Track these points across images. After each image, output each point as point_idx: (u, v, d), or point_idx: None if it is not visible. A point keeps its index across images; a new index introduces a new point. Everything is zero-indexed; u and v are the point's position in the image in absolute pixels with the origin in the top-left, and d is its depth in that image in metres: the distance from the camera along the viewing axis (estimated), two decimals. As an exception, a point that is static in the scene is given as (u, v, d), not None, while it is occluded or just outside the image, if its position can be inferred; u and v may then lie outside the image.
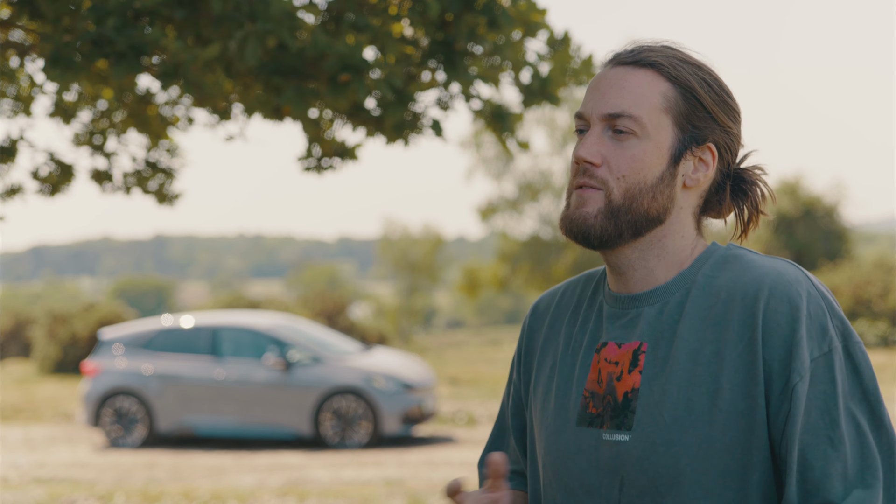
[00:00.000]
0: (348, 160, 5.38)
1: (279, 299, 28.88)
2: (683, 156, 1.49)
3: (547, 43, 4.86)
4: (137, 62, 3.98)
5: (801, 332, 1.39)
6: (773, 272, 1.44)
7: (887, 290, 22.87)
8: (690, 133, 1.49)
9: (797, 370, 1.38)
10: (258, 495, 8.81)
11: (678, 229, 1.51)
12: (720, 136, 1.50)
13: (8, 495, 8.90)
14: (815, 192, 29.07)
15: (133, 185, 6.22)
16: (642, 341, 1.48)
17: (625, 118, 1.47)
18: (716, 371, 1.41)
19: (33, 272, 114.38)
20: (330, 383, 12.28)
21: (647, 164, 1.47)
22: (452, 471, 10.14)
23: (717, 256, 1.51)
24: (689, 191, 1.51)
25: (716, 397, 1.40)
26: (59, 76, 3.99)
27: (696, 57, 1.52)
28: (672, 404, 1.43)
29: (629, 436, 1.45)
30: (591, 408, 1.50)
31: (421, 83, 4.78)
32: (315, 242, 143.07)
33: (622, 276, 1.53)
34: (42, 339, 22.18)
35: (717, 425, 1.40)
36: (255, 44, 4.03)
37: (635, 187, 1.47)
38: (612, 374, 1.49)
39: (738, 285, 1.44)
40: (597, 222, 1.48)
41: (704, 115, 1.49)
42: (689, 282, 1.49)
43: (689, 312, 1.46)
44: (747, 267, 1.47)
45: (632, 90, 1.48)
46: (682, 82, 1.48)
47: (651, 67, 1.48)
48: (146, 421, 12.54)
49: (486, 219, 34.57)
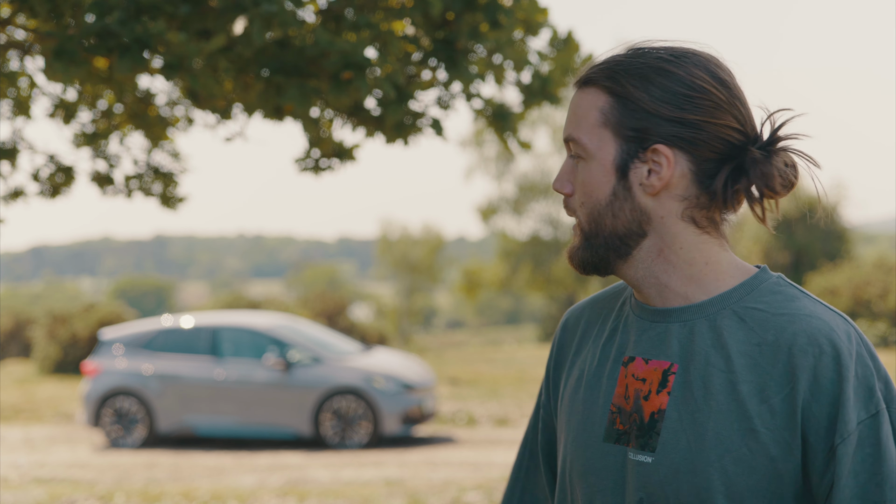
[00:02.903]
0: (346, 161, 5.38)
1: (279, 299, 28.88)
2: (631, 165, 1.44)
3: (550, 43, 4.86)
4: (141, 56, 3.98)
5: (849, 394, 1.35)
6: (826, 327, 1.39)
7: (887, 291, 22.86)
8: (633, 140, 1.43)
9: (840, 432, 1.35)
10: (258, 495, 8.81)
11: (671, 240, 1.45)
12: (673, 131, 1.42)
13: (8, 495, 8.89)
14: (814, 192, 29.05)
15: (135, 189, 6.22)
16: (673, 362, 1.44)
17: (572, 143, 1.47)
18: (752, 411, 1.38)
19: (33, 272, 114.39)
20: (330, 383, 12.28)
21: (595, 185, 1.45)
22: (452, 471, 10.13)
23: (764, 289, 1.45)
24: (659, 197, 1.44)
25: (747, 436, 1.37)
26: (61, 71, 3.98)
27: (655, 57, 1.44)
28: (699, 433, 1.39)
29: (652, 458, 1.42)
30: (619, 424, 1.48)
31: (422, 82, 4.77)
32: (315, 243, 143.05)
33: (640, 292, 1.51)
34: (42, 340, 22.17)
35: (745, 464, 1.37)
36: (260, 25, 4.02)
37: (594, 210, 1.46)
38: (640, 391, 1.46)
39: (786, 332, 1.39)
40: (582, 253, 1.49)
41: (644, 116, 1.42)
42: (728, 308, 1.44)
43: (729, 343, 1.41)
44: (798, 312, 1.41)
45: (574, 112, 1.48)
46: (617, 91, 1.44)
47: (592, 84, 1.46)
48: (146, 421, 12.54)
49: (487, 219, 34.58)
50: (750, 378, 1.39)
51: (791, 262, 28.61)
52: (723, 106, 1.43)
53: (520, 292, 39.71)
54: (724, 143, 1.43)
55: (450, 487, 8.98)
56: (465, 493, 8.59)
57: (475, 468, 10.35)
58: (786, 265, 28.69)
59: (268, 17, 4.06)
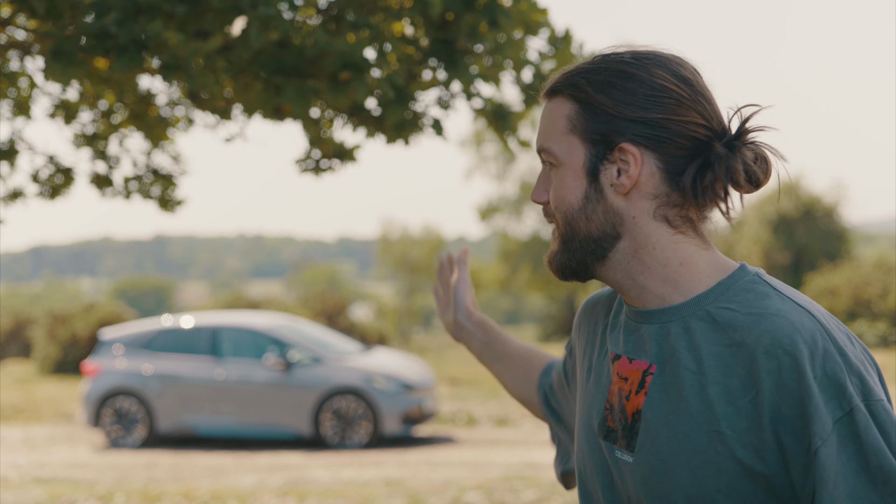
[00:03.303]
0: (347, 161, 5.38)
1: (279, 299, 28.87)
2: (601, 167, 1.46)
3: (548, 41, 4.85)
4: (139, 56, 3.98)
5: (816, 394, 1.33)
6: (790, 327, 1.37)
7: (887, 291, 22.86)
8: (599, 143, 1.46)
9: (818, 434, 1.33)
10: (258, 495, 8.81)
11: (644, 240, 1.47)
12: (637, 130, 1.43)
13: (8, 495, 8.89)
14: (815, 192, 29.07)
15: (134, 191, 6.21)
16: (651, 363, 1.47)
17: (544, 153, 1.51)
18: (719, 413, 1.38)
19: (33, 272, 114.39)
20: (330, 383, 12.28)
21: (567, 190, 1.49)
22: (452, 471, 10.13)
23: (738, 288, 1.45)
24: (630, 196, 1.46)
25: (714, 439, 1.38)
26: (59, 71, 3.98)
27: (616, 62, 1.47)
28: (671, 435, 1.41)
29: (632, 458, 1.46)
30: (610, 421, 1.52)
31: (422, 82, 4.77)
32: (315, 243, 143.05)
33: (622, 293, 1.55)
34: (42, 340, 22.18)
35: (713, 467, 1.38)
36: (258, 27, 4.02)
37: (569, 215, 1.49)
38: (623, 390, 1.50)
39: (753, 333, 1.39)
40: (560, 257, 1.53)
41: (609, 118, 1.44)
42: (702, 310, 1.44)
43: (700, 345, 1.42)
44: (767, 312, 1.40)
45: (544, 122, 1.52)
46: (581, 98, 1.47)
47: (558, 94, 1.50)
48: (146, 421, 12.54)
49: (486, 219, 34.58)
50: (720, 380, 1.39)
51: (791, 262, 28.60)
52: (686, 103, 1.44)
53: (520, 292, 39.72)
54: (690, 140, 1.44)
55: (450, 487, 8.97)
56: (465, 493, 8.59)
57: (475, 468, 10.35)
58: (786, 265, 28.68)
59: (266, 19, 4.06)
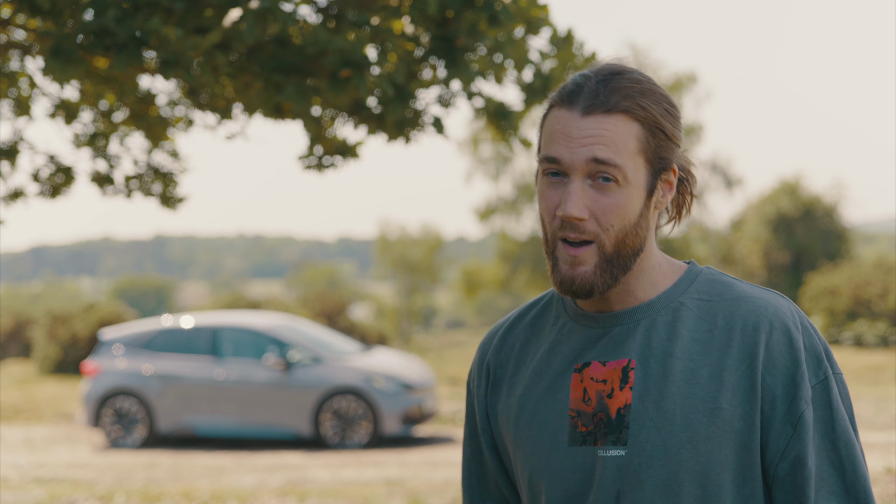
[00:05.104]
0: (349, 158, 5.37)
1: (279, 299, 28.86)
2: (656, 187, 1.54)
3: (550, 41, 4.85)
4: (138, 53, 3.97)
5: (801, 364, 1.49)
6: (771, 306, 1.52)
7: (887, 291, 22.85)
8: (659, 165, 1.53)
9: (804, 398, 1.48)
10: (258, 495, 8.80)
11: (650, 248, 1.57)
12: (679, 155, 1.57)
13: (8, 495, 8.89)
14: (815, 192, 29.06)
15: (135, 189, 6.21)
16: (630, 358, 1.52)
17: (610, 167, 1.49)
18: (714, 392, 1.48)
19: (33, 272, 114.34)
20: (330, 383, 12.27)
21: (630, 208, 1.51)
22: (452, 471, 10.13)
23: (703, 280, 1.58)
24: (656, 211, 1.58)
25: (714, 416, 1.48)
26: (59, 69, 3.98)
27: (646, 82, 1.54)
28: (668, 420, 1.49)
29: (625, 450, 1.50)
30: (581, 427, 1.54)
31: (422, 80, 4.77)
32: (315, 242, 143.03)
33: (603, 300, 1.57)
34: (42, 340, 22.16)
35: (715, 442, 1.48)
36: (253, 21, 4.01)
37: (622, 232, 1.51)
38: (602, 391, 1.53)
39: (737, 315, 1.52)
40: (597, 279, 1.52)
41: (668, 142, 1.53)
42: (676, 302, 1.55)
43: (682, 333, 1.52)
44: (742, 296, 1.54)
45: (612, 139, 1.49)
46: (649, 121, 1.51)
47: (623, 112, 1.50)
48: (146, 421, 12.53)
49: (485, 220, 34.57)
50: (707, 362, 1.50)
51: (791, 262, 28.60)
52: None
53: (519, 292, 39.69)
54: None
55: (450, 487, 8.97)
56: (466, 493, 8.58)
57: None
58: (786, 265, 28.68)
59: (262, 13, 4.05)
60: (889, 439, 11.06)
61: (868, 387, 15.96)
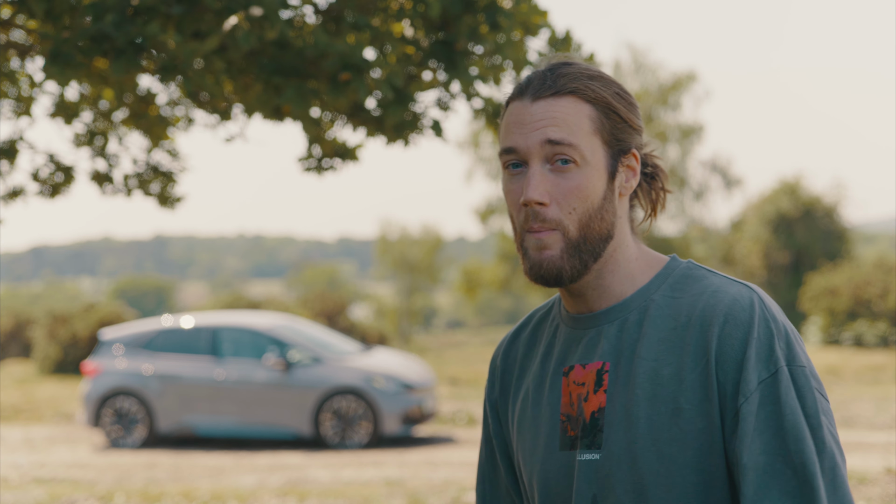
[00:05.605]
0: (349, 161, 5.38)
1: (279, 299, 28.87)
2: (617, 170, 1.53)
3: (549, 43, 4.85)
4: (136, 58, 3.98)
5: (751, 356, 1.44)
6: (728, 298, 1.48)
7: (887, 291, 22.85)
8: (617, 147, 1.53)
9: (743, 392, 1.43)
10: (258, 495, 8.81)
11: (622, 239, 1.55)
12: (637, 139, 1.56)
13: (8, 495, 8.90)
14: (815, 193, 29.06)
15: (134, 188, 6.22)
16: (604, 360, 1.52)
17: (565, 146, 1.48)
18: (675, 392, 1.46)
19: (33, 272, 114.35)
20: (330, 383, 12.28)
21: (591, 190, 1.50)
22: (452, 471, 10.14)
23: (677, 275, 1.55)
24: (623, 198, 1.56)
25: (676, 417, 1.46)
26: (58, 73, 3.99)
27: (594, 69, 1.56)
28: (634, 422, 1.47)
29: (600, 454, 1.49)
30: (570, 431, 1.54)
31: (421, 83, 4.77)
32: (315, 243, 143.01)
33: (581, 298, 1.56)
34: (42, 340, 22.17)
35: (678, 443, 1.45)
36: (248, 30, 4.02)
37: (586, 216, 1.50)
38: (581, 395, 1.54)
39: (695, 310, 1.49)
40: (565, 262, 1.50)
41: (623, 125, 1.53)
42: (648, 300, 1.53)
43: (648, 332, 1.50)
44: (704, 290, 1.51)
45: (564, 119, 1.50)
46: (600, 101, 1.52)
47: (571, 94, 1.51)
48: (146, 421, 12.54)
49: (485, 220, 34.57)
50: (670, 360, 1.48)
51: (791, 262, 28.60)
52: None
53: (519, 292, 39.70)
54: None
55: (450, 487, 8.98)
56: (465, 493, 8.59)
57: (475, 468, 10.33)
58: (786, 265, 28.69)
59: (259, 20, 4.06)
60: (889, 439, 11.07)
61: (868, 387, 15.97)
